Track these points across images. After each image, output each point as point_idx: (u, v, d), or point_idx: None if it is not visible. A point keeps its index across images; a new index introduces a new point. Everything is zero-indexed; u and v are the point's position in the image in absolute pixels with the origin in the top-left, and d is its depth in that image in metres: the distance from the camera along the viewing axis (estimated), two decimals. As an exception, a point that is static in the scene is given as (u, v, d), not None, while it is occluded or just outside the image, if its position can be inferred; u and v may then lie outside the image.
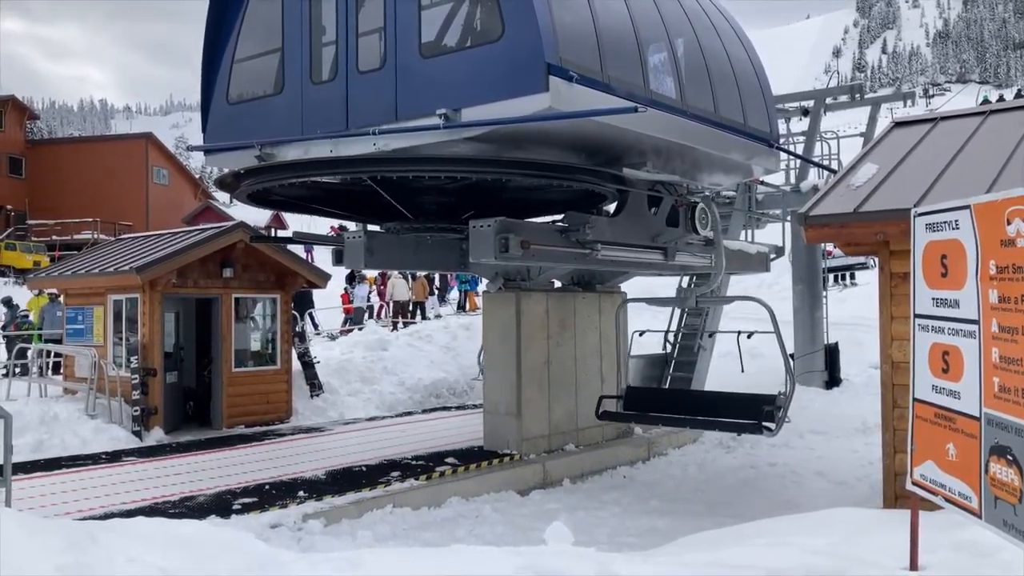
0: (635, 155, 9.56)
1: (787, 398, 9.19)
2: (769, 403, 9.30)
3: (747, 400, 9.80)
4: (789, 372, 9.43)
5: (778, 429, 9.14)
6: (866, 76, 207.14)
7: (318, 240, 13.71)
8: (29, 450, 11.39)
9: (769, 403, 9.30)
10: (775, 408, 9.18)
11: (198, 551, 4.31)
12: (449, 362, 18.74)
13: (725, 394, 10.60)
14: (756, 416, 9.23)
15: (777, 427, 9.11)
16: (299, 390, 15.40)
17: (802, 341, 18.16)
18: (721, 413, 9.82)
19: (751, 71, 11.28)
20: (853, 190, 7.22)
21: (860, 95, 19.20)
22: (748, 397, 9.87)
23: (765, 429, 9.16)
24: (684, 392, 12.75)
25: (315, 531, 8.16)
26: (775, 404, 9.23)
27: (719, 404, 10.12)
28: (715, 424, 9.92)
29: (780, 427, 9.14)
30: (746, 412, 9.47)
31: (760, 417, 9.17)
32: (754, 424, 9.23)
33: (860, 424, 13.96)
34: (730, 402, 10.06)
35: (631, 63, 8.83)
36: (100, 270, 14.08)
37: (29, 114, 55.51)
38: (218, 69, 10.15)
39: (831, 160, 17.84)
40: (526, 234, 9.23)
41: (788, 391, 9.22)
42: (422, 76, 8.40)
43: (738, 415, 9.52)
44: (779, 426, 9.12)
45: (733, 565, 4.15)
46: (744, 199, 16.35)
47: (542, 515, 9.00)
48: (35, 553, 3.71)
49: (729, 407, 9.85)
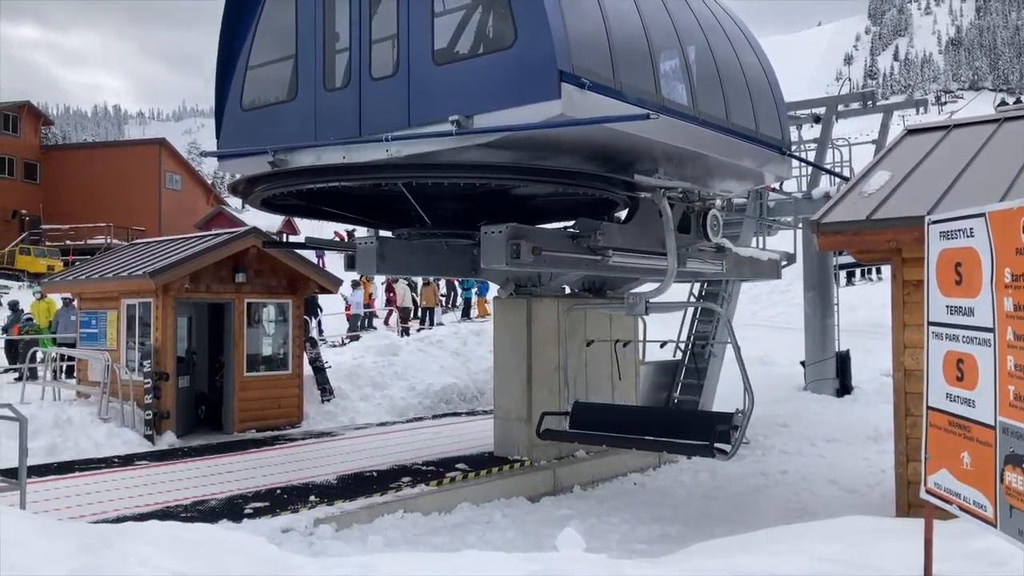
0: (647, 161, 9.56)
1: (745, 417, 8.36)
2: (724, 422, 8.54)
3: (703, 419, 9.14)
4: (747, 389, 8.49)
5: (734, 451, 8.41)
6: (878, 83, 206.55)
7: (330, 245, 13.78)
8: (43, 453, 11.46)
9: (724, 422, 8.54)
10: (731, 428, 8.42)
11: (210, 555, 4.33)
12: (459, 367, 18.75)
13: (680, 411, 9.92)
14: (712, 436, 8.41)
15: (733, 449, 8.38)
16: (310, 395, 15.45)
17: (813, 348, 18.09)
18: (675, 433, 8.96)
19: (763, 78, 11.27)
20: (865, 197, 7.20)
21: (872, 102, 19.13)
22: (703, 415, 9.16)
23: (718, 451, 8.40)
24: (637, 409, 11.27)
25: (326, 536, 8.18)
26: (731, 423, 8.46)
27: (673, 423, 9.33)
28: (662, 446, 9.15)
29: (736, 448, 8.40)
30: (701, 431, 8.71)
31: (712, 438, 8.35)
32: (704, 446, 8.41)
33: (872, 432, 13.89)
34: (685, 420, 9.32)
35: (643, 70, 8.84)
36: (114, 274, 14.17)
37: (44, 120, 56.03)
38: (232, 75, 10.20)
39: (843, 167, 17.78)
40: (537, 240, 9.23)
41: (747, 409, 8.39)
42: (435, 83, 8.42)
43: (692, 435, 8.68)
44: (735, 447, 8.37)
45: (745, 572, 4.13)
46: (755, 206, 16.31)
47: (553, 521, 8.99)
48: (49, 555, 3.74)
49: (683, 426, 9.06)
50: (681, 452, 9.39)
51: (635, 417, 10.13)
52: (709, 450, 8.41)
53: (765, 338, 23.59)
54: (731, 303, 15.85)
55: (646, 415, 10.44)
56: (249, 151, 9.85)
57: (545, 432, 9.74)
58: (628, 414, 10.46)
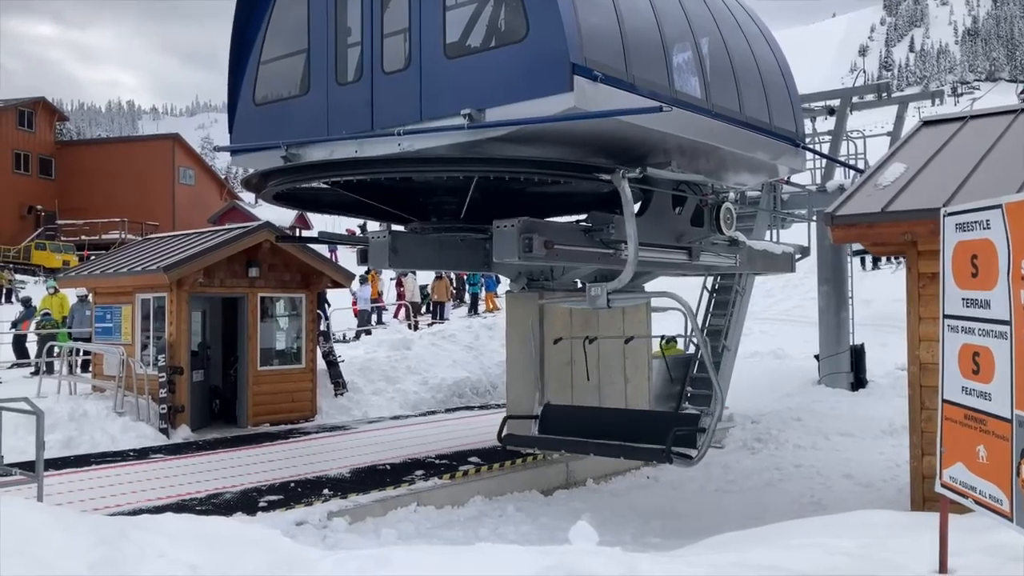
0: (660, 155, 9.52)
1: (714, 419, 7.68)
2: (690, 424, 7.98)
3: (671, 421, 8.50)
4: (716, 391, 8.03)
5: (699, 456, 7.70)
6: (893, 75, 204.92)
7: (343, 240, 13.81)
8: (60, 447, 11.56)
9: (690, 424, 7.98)
10: (697, 431, 7.79)
11: (226, 548, 4.36)
12: (472, 362, 18.79)
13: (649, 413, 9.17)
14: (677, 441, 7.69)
15: (699, 454, 7.67)
16: (324, 389, 15.51)
17: (827, 342, 18.01)
18: (644, 437, 8.24)
19: (776, 70, 11.20)
20: (880, 189, 7.15)
21: (887, 94, 19.00)
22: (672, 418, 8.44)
23: (679, 457, 7.73)
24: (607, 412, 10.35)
25: (340, 529, 8.22)
26: (697, 426, 7.86)
27: (643, 426, 8.62)
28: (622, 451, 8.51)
29: (703, 454, 7.68)
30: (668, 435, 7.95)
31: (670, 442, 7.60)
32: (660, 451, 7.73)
33: (887, 426, 13.83)
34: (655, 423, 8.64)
35: (656, 62, 8.80)
36: (128, 269, 14.25)
37: (59, 116, 56.34)
38: (244, 70, 10.23)
39: (857, 160, 17.68)
40: (549, 234, 9.21)
41: (715, 411, 7.78)
42: (447, 76, 8.42)
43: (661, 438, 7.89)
44: (701, 453, 7.66)
45: (759, 566, 4.13)
46: (769, 199, 16.24)
47: (566, 515, 9.00)
48: (69, 548, 3.77)
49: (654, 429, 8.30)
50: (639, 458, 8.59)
51: (605, 420, 9.40)
52: (666, 455, 7.70)
53: (779, 332, 23.53)
54: (745, 296, 15.81)
55: (616, 418, 9.58)
56: (262, 146, 9.88)
57: (507, 437, 9.15)
58: (598, 417, 9.73)
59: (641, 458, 8.74)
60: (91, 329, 17.91)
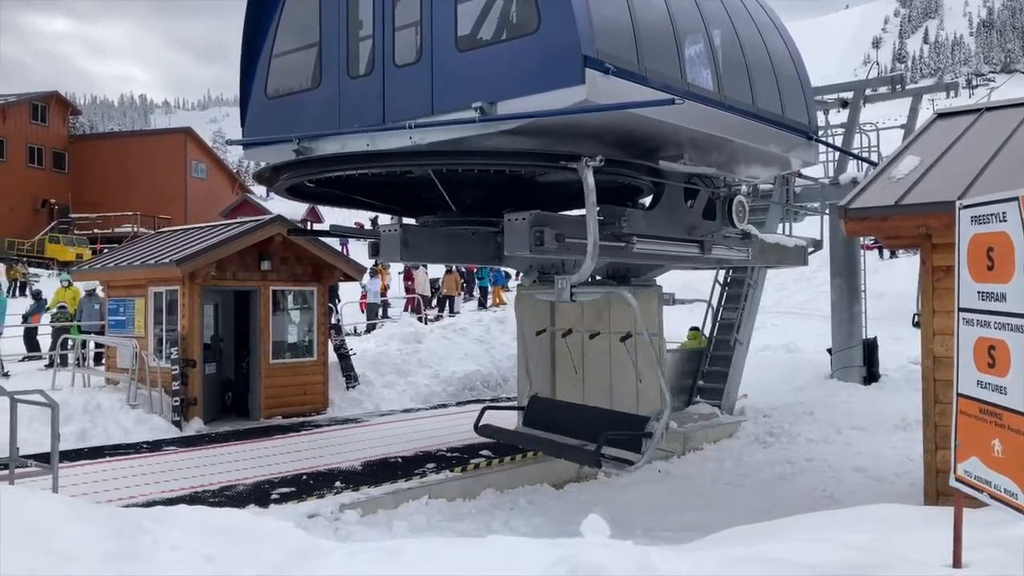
0: (672, 147, 9.49)
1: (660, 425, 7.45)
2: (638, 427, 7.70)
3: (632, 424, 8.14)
4: (663, 397, 7.76)
5: (643, 462, 7.51)
6: (907, 67, 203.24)
7: (354, 233, 13.83)
8: (74, 439, 11.65)
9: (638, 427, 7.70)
10: (644, 435, 7.51)
11: (239, 539, 4.38)
12: (483, 355, 18.79)
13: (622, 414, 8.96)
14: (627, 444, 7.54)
15: (644, 458, 7.46)
16: (335, 382, 15.56)
17: (840, 336, 17.93)
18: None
19: (789, 62, 11.14)
20: (894, 182, 7.10)
21: (901, 86, 18.87)
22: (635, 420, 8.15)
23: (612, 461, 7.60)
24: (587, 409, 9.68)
25: (352, 521, 8.26)
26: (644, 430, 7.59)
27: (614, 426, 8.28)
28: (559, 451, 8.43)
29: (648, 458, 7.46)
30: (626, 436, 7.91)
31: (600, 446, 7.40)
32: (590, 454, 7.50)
33: (900, 420, 13.76)
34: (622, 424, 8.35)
35: (668, 55, 8.77)
36: (141, 262, 14.32)
37: (72, 109, 56.62)
38: (256, 64, 10.24)
39: (871, 152, 17.56)
40: (561, 227, 9.19)
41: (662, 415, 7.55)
42: (458, 69, 8.40)
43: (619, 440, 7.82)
44: (647, 457, 7.45)
45: (772, 559, 4.12)
46: (782, 192, 16.16)
47: (577, 508, 9.00)
48: (85, 538, 3.80)
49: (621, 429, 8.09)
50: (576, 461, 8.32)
51: (583, 418, 9.10)
52: (595, 460, 7.51)
53: (791, 325, 23.45)
54: (757, 290, 15.76)
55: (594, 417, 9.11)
56: (274, 139, 9.90)
57: (482, 428, 9.04)
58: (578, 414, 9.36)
59: (577, 461, 8.46)
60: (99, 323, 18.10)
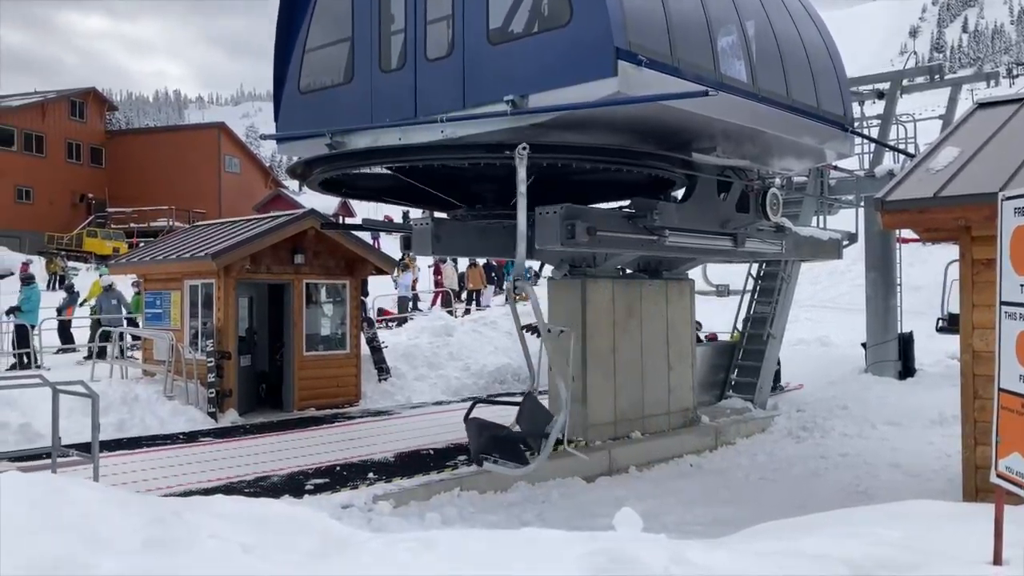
0: (704, 140, 9.43)
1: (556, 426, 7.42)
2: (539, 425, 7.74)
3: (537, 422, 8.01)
4: (560, 397, 7.68)
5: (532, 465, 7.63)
6: (945, 56, 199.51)
7: (386, 227, 13.90)
8: (113, 429, 11.85)
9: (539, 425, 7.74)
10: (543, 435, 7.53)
11: (275, 529, 4.43)
12: (513, 348, 18.78)
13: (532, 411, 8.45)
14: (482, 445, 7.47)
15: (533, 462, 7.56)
16: (367, 374, 15.67)
17: (875, 330, 17.71)
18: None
19: (824, 52, 11.00)
20: (933, 174, 6.98)
21: (939, 76, 18.52)
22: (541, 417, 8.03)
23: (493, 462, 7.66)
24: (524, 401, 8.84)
25: (385, 512, 8.32)
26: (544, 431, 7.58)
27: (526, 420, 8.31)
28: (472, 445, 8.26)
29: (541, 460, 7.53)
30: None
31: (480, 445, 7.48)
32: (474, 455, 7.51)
33: (936, 415, 13.56)
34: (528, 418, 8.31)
35: (701, 46, 8.70)
36: (177, 256, 14.51)
37: (108, 105, 57.48)
38: (290, 59, 10.33)
39: (907, 144, 17.30)
40: (592, 220, 9.18)
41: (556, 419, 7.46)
42: (490, 63, 8.41)
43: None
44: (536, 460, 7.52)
45: (807, 555, 4.08)
46: (816, 184, 15.99)
47: (609, 501, 8.99)
48: (125, 526, 3.87)
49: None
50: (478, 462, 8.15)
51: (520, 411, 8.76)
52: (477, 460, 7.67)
53: (825, 319, 23.23)
54: (791, 283, 15.61)
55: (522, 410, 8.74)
56: (307, 134, 9.98)
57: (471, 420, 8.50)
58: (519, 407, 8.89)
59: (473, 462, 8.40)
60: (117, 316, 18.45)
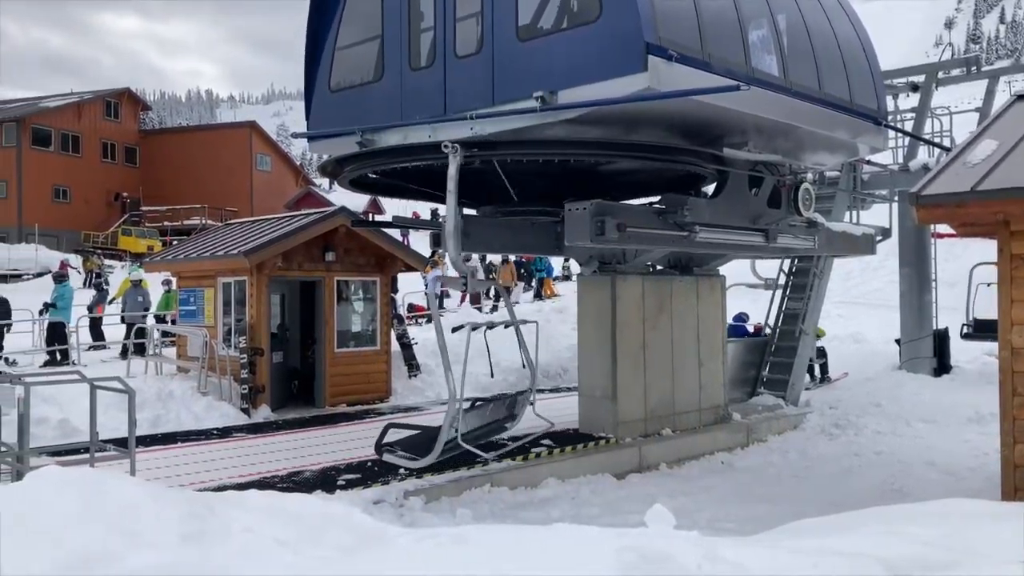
0: (736, 135, 9.34)
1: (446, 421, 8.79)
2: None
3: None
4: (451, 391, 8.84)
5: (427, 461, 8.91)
6: (982, 48, 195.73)
7: (416, 224, 13.94)
8: (148, 425, 12.04)
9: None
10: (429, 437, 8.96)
11: (309, 524, 4.47)
12: (542, 345, 18.75)
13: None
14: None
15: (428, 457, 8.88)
16: (398, 370, 15.76)
17: (909, 326, 17.49)
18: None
19: (857, 45, 10.85)
20: (970, 168, 6.87)
21: (976, 68, 18.19)
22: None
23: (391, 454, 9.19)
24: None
25: (416, 508, 8.37)
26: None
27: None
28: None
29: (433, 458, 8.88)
30: None
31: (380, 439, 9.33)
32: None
33: (973, 413, 13.36)
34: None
35: (732, 40, 8.63)
36: (211, 254, 14.68)
37: (142, 105, 58.30)
38: (320, 58, 10.40)
39: (943, 138, 17.03)
40: (622, 216, 9.14)
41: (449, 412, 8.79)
42: (519, 59, 8.40)
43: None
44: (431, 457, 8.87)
45: (842, 553, 4.04)
46: (849, 179, 15.80)
47: (640, 498, 8.97)
48: (161, 520, 3.93)
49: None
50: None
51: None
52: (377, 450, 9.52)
53: (857, 315, 22.96)
54: (823, 279, 15.45)
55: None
56: (337, 132, 10.04)
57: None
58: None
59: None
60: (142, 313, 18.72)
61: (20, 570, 3.27)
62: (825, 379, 17.09)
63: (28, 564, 3.33)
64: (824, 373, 17.18)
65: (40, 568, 3.34)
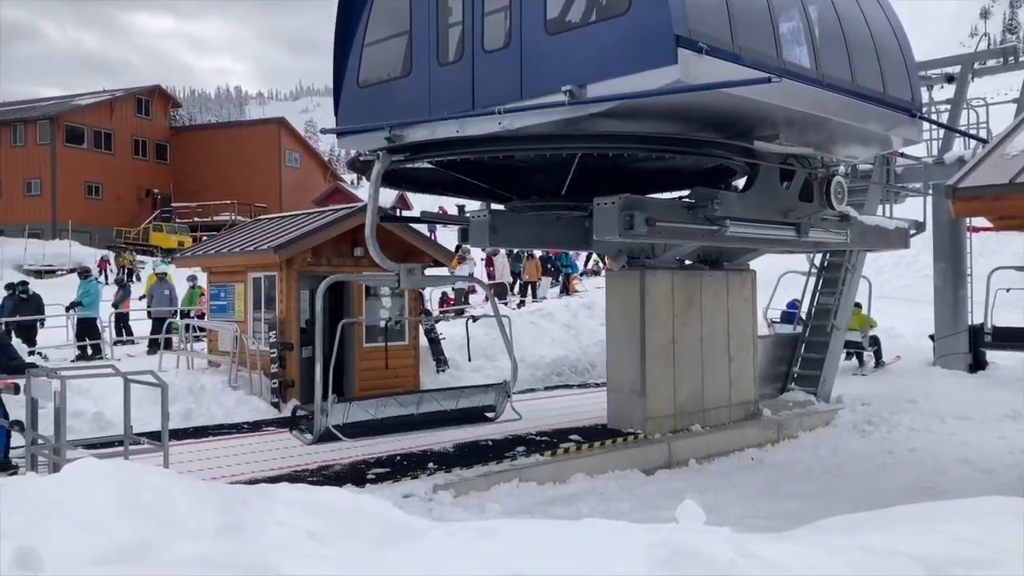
0: (766, 127, 9.25)
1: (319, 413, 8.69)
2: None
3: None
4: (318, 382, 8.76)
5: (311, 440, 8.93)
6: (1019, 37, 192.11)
7: (443, 219, 13.97)
8: (179, 418, 12.18)
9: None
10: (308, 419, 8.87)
11: (340, 517, 4.50)
12: (570, 340, 18.76)
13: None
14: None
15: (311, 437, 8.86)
16: (426, 365, 15.81)
17: (943, 322, 17.23)
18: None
19: (891, 36, 10.69)
20: (1009, 159, 6.74)
21: (1013, 58, 17.84)
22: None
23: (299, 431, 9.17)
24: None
25: (445, 502, 8.39)
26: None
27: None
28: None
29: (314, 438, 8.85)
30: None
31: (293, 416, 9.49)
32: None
33: (1009, 410, 13.14)
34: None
35: (763, 32, 8.53)
36: (240, 249, 14.80)
37: (173, 102, 58.95)
38: (349, 53, 10.42)
39: (979, 129, 16.72)
40: (651, 211, 9.09)
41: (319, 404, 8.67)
42: (547, 53, 8.36)
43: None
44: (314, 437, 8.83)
45: (877, 550, 3.99)
46: (882, 172, 15.58)
47: (669, 494, 8.93)
48: (195, 512, 3.98)
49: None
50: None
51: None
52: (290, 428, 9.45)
53: (890, 310, 22.62)
54: (855, 274, 15.27)
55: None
56: (366, 127, 10.07)
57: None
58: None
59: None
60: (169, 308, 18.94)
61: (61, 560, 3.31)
62: (880, 363, 17.97)
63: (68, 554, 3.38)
64: (878, 359, 18.08)
65: (80, 558, 3.38)
